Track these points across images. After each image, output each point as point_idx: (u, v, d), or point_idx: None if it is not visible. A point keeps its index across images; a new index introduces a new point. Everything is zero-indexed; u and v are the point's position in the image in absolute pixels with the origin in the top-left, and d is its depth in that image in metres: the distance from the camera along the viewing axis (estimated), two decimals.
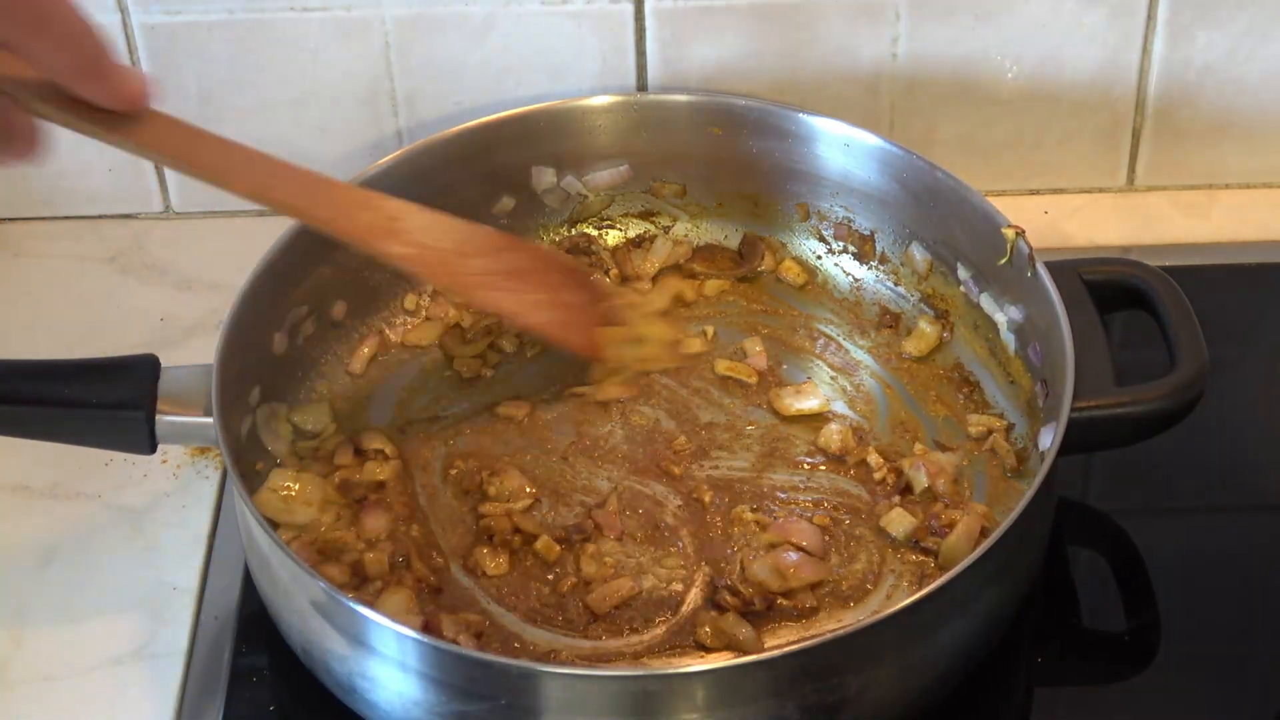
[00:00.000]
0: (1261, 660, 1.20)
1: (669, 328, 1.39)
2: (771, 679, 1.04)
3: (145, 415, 1.18)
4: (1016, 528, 1.09)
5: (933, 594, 1.05)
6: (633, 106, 1.42)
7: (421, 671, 1.06)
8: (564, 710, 1.04)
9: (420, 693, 1.07)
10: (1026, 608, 1.18)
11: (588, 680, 1.05)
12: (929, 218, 1.36)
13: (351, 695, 1.12)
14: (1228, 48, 1.48)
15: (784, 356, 1.38)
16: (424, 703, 1.07)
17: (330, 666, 1.12)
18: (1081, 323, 1.20)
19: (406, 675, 1.07)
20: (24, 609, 1.24)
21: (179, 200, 1.56)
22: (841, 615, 1.19)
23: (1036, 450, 1.24)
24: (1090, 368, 1.18)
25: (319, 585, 1.08)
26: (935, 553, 1.21)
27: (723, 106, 1.42)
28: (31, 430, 1.19)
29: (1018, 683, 1.19)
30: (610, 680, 1.06)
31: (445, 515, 1.26)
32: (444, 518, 1.26)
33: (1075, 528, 1.27)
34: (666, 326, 1.39)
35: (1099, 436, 1.18)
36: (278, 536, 1.11)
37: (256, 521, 1.11)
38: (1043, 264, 1.24)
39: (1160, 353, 1.22)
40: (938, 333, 1.37)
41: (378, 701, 1.10)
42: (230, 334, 1.21)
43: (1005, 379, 1.32)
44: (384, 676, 1.08)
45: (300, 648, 1.15)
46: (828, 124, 1.38)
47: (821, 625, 1.19)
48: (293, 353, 1.31)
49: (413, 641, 1.05)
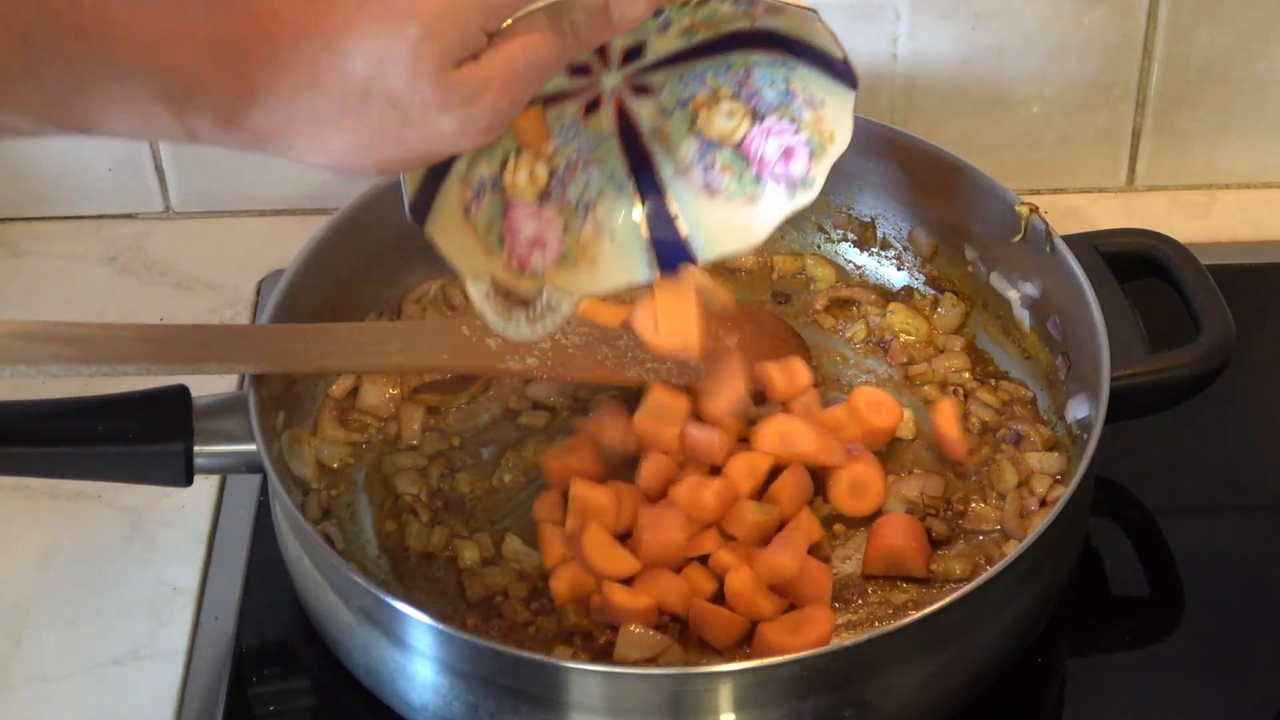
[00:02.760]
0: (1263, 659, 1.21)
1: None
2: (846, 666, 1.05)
3: (184, 447, 1.15)
4: (1074, 501, 1.11)
5: (1002, 571, 1.07)
6: None
7: (456, 667, 1.07)
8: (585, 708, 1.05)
9: (452, 687, 1.08)
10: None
11: (616, 678, 1.05)
12: (933, 200, 1.36)
13: (392, 694, 1.13)
14: (1228, 48, 1.48)
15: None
16: (459, 697, 1.08)
17: (373, 668, 1.13)
18: (1105, 294, 1.22)
19: (443, 671, 1.08)
20: (24, 609, 1.24)
21: (179, 200, 1.55)
22: None
23: (1063, 422, 1.25)
24: (1121, 337, 1.20)
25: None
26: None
27: None
28: (65, 470, 1.16)
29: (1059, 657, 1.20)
30: (645, 679, 1.05)
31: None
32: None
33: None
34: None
35: (1137, 404, 1.20)
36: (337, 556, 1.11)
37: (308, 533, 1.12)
38: (1060, 238, 1.26)
39: (1169, 320, 1.24)
40: (962, 312, 1.38)
41: (412, 698, 1.11)
42: None
43: (1021, 354, 1.33)
44: (422, 672, 1.09)
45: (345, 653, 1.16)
46: None
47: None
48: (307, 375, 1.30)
49: (449, 637, 1.06)
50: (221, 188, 1.54)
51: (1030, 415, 1.30)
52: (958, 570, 1.20)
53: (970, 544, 1.23)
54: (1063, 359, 1.27)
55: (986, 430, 1.29)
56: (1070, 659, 1.20)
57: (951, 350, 1.35)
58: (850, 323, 1.39)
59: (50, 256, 1.53)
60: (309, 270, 1.27)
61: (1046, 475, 1.24)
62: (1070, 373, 1.26)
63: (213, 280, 1.50)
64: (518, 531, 1.24)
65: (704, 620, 1.15)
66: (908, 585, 1.20)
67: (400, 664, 1.10)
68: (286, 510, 1.15)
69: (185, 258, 1.52)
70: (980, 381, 1.33)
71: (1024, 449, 1.27)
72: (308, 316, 1.27)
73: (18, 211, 1.56)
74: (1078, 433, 1.23)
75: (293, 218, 1.55)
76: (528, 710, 1.06)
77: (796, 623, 1.14)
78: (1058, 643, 1.20)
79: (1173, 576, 1.26)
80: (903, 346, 1.36)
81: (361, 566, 1.21)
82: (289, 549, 1.19)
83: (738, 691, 1.05)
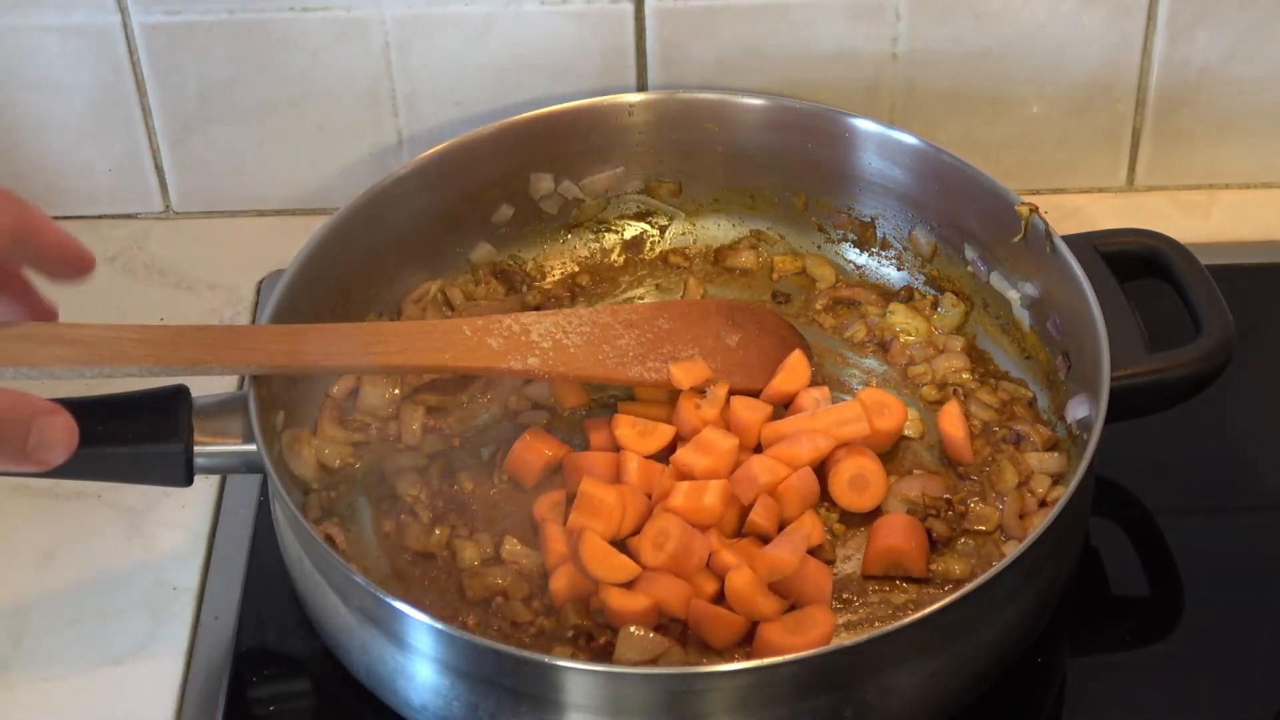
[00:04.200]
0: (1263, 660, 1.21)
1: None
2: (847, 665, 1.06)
3: (184, 447, 1.15)
4: (1074, 500, 1.11)
5: (1002, 571, 1.07)
6: (628, 107, 1.42)
7: (456, 667, 1.07)
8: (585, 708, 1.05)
9: (452, 687, 1.08)
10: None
11: (616, 679, 1.05)
12: (932, 200, 1.37)
13: (392, 694, 1.13)
14: (1228, 48, 1.48)
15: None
16: (459, 697, 1.08)
17: (373, 668, 1.13)
18: (1105, 294, 1.22)
19: (443, 671, 1.08)
20: (24, 609, 1.24)
21: (179, 200, 1.55)
22: None
23: (1063, 422, 1.25)
24: (1121, 337, 1.20)
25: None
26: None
27: (716, 102, 1.42)
28: (64, 470, 1.13)
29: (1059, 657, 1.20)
30: (645, 679, 1.05)
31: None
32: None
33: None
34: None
35: (1137, 404, 1.20)
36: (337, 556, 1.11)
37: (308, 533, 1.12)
38: (1060, 238, 1.26)
39: (1169, 320, 1.24)
40: (962, 312, 1.38)
41: (412, 698, 1.11)
42: None
43: (1020, 354, 1.33)
44: (422, 673, 1.09)
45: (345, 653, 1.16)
46: (828, 115, 1.39)
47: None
48: (308, 375, 1.30)
49: (449, 637, 1.06)
50: (221, 188, 1.55)
51: (1030, 415, 1.30)
52: (958, 570, 1.20)
53: (970, 544, 1.23)
54: (1063, 359, 1.27)
55: (987, 430, 1.29)
56: (1070, 659, 1.20)
57: (951, 350, 1.35)
58: (850, 323, 1.39)
59: None
60: (309, 270, 1.27)
61: (1046, 475, 1.24)
62: (1070, 373, 1.26)
63: (213, 280, 1.50)
64: (517, 532, 1.23)
65: (703, 621, 1.15)
66: (908, 585, 1.20)
67: (400, 664, 1.10)
68: (286, 510, 1.15)
69: (185, 258, 1.52)
70: (980, 381, 1.33)
71: (1024, 449, 1.27)
72: (308, 316, 1.27)
73: None
74: (1078, 433, 1.23)
75: (293, 218, 1.55)
76: (528, 710, 1.06)
77: (796, 622, 1.14)
78: (1058, 643, 1.20)
79: (1173, 576, 1.26)
80: (903, 346, 1.36)
81: (361, 566, 1.21)
82: (289, 549, 1.19)
83: (738, 692, 1.05)
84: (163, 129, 1.51)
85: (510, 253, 1.44)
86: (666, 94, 1.44)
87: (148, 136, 1.51)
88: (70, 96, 1.49)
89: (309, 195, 1.54)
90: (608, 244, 1.46)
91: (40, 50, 1.46)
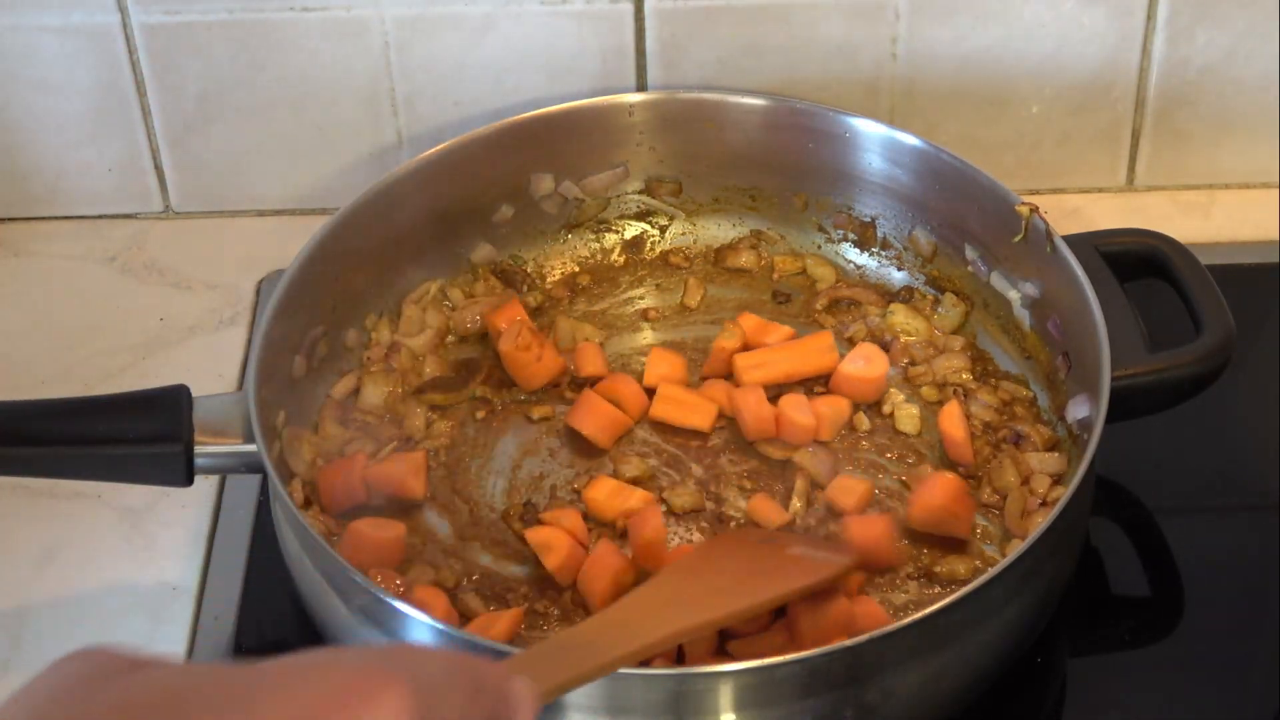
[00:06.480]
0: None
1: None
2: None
3: (184, 447, 1.15)
4: (1074, 500, 1.11)
5: (1002, 571, 1.07)
6: (628, 107, 1.42)
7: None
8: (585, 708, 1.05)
9: None
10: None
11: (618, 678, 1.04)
12: (933, 200, 1.37)
13: None
14: (1228, 48, 1.48)
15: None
16: None
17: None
18: (1105, 294, 1.22)
19: None
20: (24, 609, 1.24)
21: (179, 200, 1.55)
22: None
23: (1063, 422, 1.26)
24: (1121, 337, 1.20)
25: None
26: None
27: (716, 102, 1.42)
28: (64, 470, 1.16)
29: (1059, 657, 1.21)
30: (645, 679, 1.05)
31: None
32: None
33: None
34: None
35: (1137, 404, 1.20)
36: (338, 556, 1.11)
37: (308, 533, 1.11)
38: (1060, 238, 1.26)
39: (1169, 320, 1.24)
40: (962, 312, 1.38)
41: None
42: (262, 357, 1.20)
43: (1021, 354, 1.33)
44: None
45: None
46: (828, 114, 1.39)
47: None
48: (309, 374, 1.30)
49: (449, 637, 1.06)
50: (221, 188, 1.55)
51: (1030, 415, 1.30)
52: (958, 571, 1.20)
53: (970, 544, 1.23)
54: (1063, 359, 1.27)
55: (987, 430, 1.29)
56: (1070, 659, 1.21)
57: (951, 350, 1.35)
58: (850, 323, 1.39)
59: (50, 256, 1.53)
60: (309, 270, 1.27)
61: (1047, 475, 1.24)
62: (1070, 373, 1.26)
63: (213, 280, 1.50)
64: (518, 532, 1.24)
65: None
66: (908, 585, 1.20)
67: None
68: (286, 510, 1.15)
69: (185, 258, 1.52)
70: (980, 381, 1.33)
71: (1024, 449, 1.27)
72: (308, 316, 1.27)
73: (18, 211, 1.56)
74: (1078, 433, 1.23)
75: (293, 218, 1.55)
76: None
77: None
78: (1058, 643, 1.20)
79: (1173, 576, 1.26)
80: (903, 346, 1.36)
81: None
82: (289, 549, 1.19)
83: (738, 691, 1.05)
84: (162, 129, 1.51)
85: (510, 253, 1.44)
86: (666, 94, 1.44)
87: (147, 136, 1.51)
88: (70, 96, 1.49)
89: (309, 195, 1.55)
90: (608, 244, 1.46)
91: (40, 50, 1.46)
